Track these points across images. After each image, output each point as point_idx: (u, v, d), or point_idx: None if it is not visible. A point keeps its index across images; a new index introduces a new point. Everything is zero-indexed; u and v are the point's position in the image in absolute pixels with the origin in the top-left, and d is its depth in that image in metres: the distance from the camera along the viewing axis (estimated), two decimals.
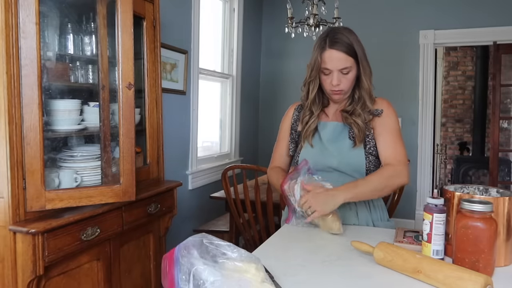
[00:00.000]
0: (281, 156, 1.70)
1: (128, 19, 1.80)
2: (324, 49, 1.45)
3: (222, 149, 4.30)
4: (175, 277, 0.82)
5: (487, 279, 0.91)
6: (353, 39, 1.47)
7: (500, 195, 1.19)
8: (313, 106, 1.58)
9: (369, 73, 1.53)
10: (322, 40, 1.48)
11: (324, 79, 1.50)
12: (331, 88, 1.50)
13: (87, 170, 1.88)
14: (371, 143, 1.54)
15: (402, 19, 4.32)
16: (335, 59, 1.45)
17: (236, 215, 2.65)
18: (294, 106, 1.71)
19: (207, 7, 3.87)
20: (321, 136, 1.57)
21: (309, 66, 1.53)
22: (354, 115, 1.52)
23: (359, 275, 1.07)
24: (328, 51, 1.45)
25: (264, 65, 4.95)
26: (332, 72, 1.46)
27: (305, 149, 1.58)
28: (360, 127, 1.51)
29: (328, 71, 1.47)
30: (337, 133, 1.56)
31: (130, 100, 1.84)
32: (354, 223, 1.54)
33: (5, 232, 1.54)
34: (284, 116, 1.72)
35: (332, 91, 1.51)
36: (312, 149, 1.56)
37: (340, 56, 1.44)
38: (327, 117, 1.61)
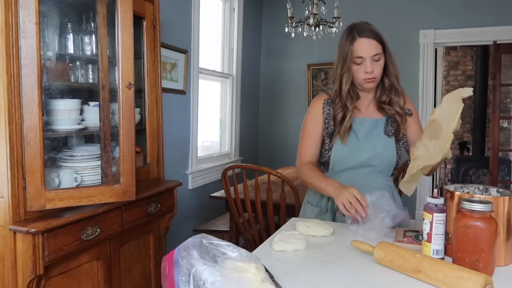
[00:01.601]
0: (312, 150, 1.65)
1: (128, 19, 1.80)
2: (354, 39, 1.51)
3: (222, 148, 4.30)
4: (175, 278, 0.82)
5: (487, 279, 0.91)
6: (376, 28, 1.55)
7: (500, 195, 1.19)
8: (347, 101, 1.58)
9: (395, 62, 1.61)
10: (348, 33, 1.54)
11: (357, 69, 1.53)
12: (365, 77, 1.53)
13: (87, 169, 1.88)
14: (404, 138, 1.62)
15: (402, 19, 4.32)
16: (367, 46, 1.50)
17: (236, 215, 2.65)
18: (322, 100, 1.65)
19: (207, 7, 3.87)
20: (357, 132, 1.59)
21: (339, 59, 1.56)
22: (394, 105, 1.59)
23: (359, 275, 1.07)
24: (359, 39, 1.50)
25: (264, 65, 4.95)
26: (365, 60, 1.51)
27: (337, 146, 1.59)
28: (402, 116, 1.59)
29: (361, 59, 1.51)
30: (371, 129, 1.60)
31: (130, 100, 1.84)
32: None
33: (5, 232, 1.54)
34: (311, 109, 1.66)
35: (365, 80, 1.54)
36: (345, 146, 1.58)
37: (371, 43, 1.50)
38: (360, 112, 1.63)
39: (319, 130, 1.64)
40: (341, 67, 1.56)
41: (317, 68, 4.61)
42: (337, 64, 1.57)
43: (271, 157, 4.87)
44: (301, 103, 4.74)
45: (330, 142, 1.62)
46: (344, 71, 1.55)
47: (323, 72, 4.60)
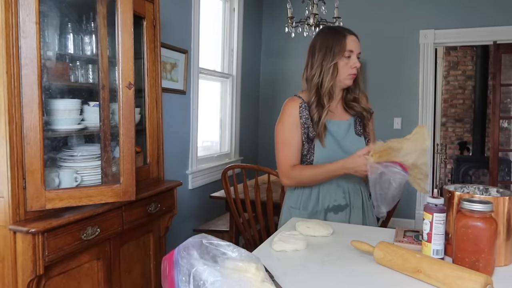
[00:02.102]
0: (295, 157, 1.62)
1: (128, 19, 1.80)
2: (345, 35, 1.59)
3: (222, 148, 4.30)
4: (175, 278, 0.82)
5: (487, 279, 0.91)
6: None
7: (500, 195, 1.19)
8: (324, 99, 1.59)
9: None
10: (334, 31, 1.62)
11: (345, 63, 1.58)
12: (350, 72, 1.59)
13: (87, 169, 1.88)
14: (367, 137, 1.68)
15: (402, 19, 4.32)
16: (356, 43, 1.60)
17: (236, 215, 2.66)
18: (297, 104, 1.63)
19: (207, 7, 3.87)
20: (334, 134, 1.61)
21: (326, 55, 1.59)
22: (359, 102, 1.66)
23: (359, 275, 1.07)
24: (350, 36, 1.59)
25: (264, 65, 4.95)
26: (353, 55, 1.59)
27: (318, 149, 1.60)
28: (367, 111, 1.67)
29: (350, 53, 1.58)
30: (346, 130, 1.65)
31: (130, 100, 1.84)
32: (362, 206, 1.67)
33: (5, 232, 1.54)
34: (287, 117, 1.64)
35: (350, 75, 1.60)
36: (325, 148, 1.59)
37: (358, 41, 1.61)
38: (333, 114, 1.64)
39: (299, 137, 1.62)
40: (327, 62, 1.58)
41: None
42: (321, 61, 1.60)
43: (271, 157, 4.83)
44: None
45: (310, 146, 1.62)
46: (331, 64, 1.58)
47: None
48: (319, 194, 1.63)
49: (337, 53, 1.57)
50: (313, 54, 1.63)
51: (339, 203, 1.63)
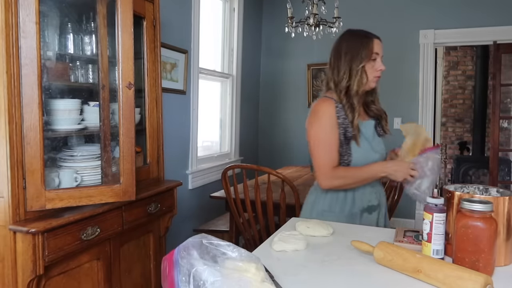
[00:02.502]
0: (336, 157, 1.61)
1: (128, 19, 1.80)
2: (371, 38, 1.63)
3: (222, 148, 4.30)
4: (175, 279, 0.82)
5: (487, 279, 0.91)
6: None
7: (500, 195, 1.19)
8: (355, 100, 1.61)
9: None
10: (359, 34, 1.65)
11: (371, 66, 1.62)
12: (375, 74, 1.63)
13: (87, 169, 1.88)
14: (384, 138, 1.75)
15: (402, 19, 4.32)
16: (380, 46, 1.64)
17: (236, 215, 2.65)
18: (333, 106, 1.61)
19: (207, 7, 3.87)
20: (365, 135, 1.64)
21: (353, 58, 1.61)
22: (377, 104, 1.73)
23: (359, 275, 1.07)
24: (375, 39, 1.64)
25: (264, 65, 4.95)
26: (378, 57, 1.63)
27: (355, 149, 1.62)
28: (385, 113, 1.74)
29: (376, 56, 1.62)
30: (373, 131, 1.69)
31: (130, 100, 1.84)
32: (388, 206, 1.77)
33: (5, 232, 1.54)
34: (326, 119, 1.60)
35: (376, 77, 1.64)
36: (360, 148, 1.61)
37: (382, 45, 1.65)
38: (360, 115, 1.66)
39: (337, 138, 1.60)
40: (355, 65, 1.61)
41: (317, 68, 4.61)
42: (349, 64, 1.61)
43: (271, 157, 4.87)
44: (301, 103, 4.74)
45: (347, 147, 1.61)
46: (359, 68, 1.60)
47: (323, 72, 4.60)
48: (354, 196, 1.65)
49: (365, 56, 1.60)
50: (339, 57, 1.63)
51: (373, 203, 1.67)
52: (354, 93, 1.61)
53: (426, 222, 1.12)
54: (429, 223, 1.11)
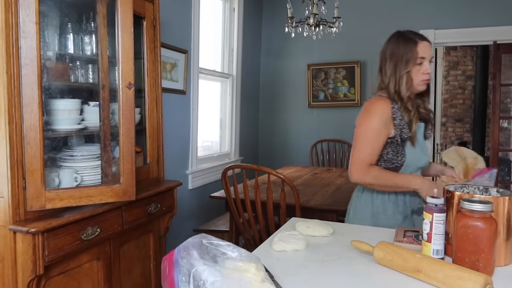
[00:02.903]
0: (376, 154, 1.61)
1: (128, 19, 1.80)
2: (416, 42, 1.60)
3: (222, 148, 4.30)
4: (175, 279, 0.82)
5: (487, 279, 0.91)
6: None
7: (500, 195, 1.19)
8: (408, 103, 1.60)
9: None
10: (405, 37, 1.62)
11: (417, 70, 1.59)
12: (423, 78, 1.60)
13: (87, 169, 1.88)
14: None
15: (402, 19, 4.32)
16: (428, 48, 1.61)
17: (236, 215, 2.65)
18: (389, 104, 1.61)
19: (207, 7, 3.87)
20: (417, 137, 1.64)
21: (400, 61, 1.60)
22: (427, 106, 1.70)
23: (359, 275, 1.07)
24: (422, 42, 1.60)
25: (264, 65, 4.95)
26: (425, 61, 1.60)
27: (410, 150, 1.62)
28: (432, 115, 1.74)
29: (421, 60, 1.59)
30: (422, 133, 1.69)
31: (130, 100, 1.84)
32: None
33: (5, 232, 1.54)
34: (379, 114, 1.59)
35: (423, 81, 1.61)
36: (415, 150, 1.62)
37: (430, 46, 1.62)
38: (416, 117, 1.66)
39: (385, 138, 1.60)
40: (400, 70, 1.59)
41: (317, 68, 4.61)
42: (394, 69, 1.61)
43: (271, 157, 4.87)
44: (301, 103, 4.74)
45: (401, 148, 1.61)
46: (404, 73, 1.59)
47: (323, 72, 4.60)
48: (405, 198, 1.65)
49: (409, 61, 1.58)
50: (385, 61, 1.65)
51: (422, 205, 1.64)
52: (405, 97, 1.59)
53: (426, 222, 1.12)
54: (429, 223, 1.11)
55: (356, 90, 4.46)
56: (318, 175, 3.55)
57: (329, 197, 2.72)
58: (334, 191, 2.89)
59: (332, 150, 4.60)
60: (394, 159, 1.62)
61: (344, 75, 4.51)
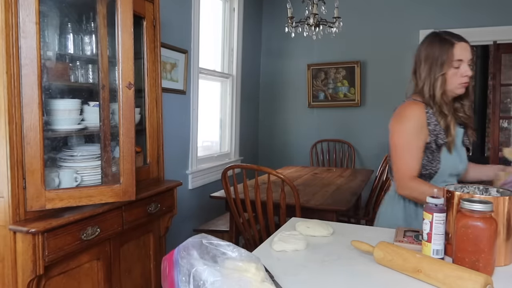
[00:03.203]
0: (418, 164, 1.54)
1: (128, 19, 1.80)
2: (453, 43, 1.52)
3: (222, 148, 4.30)
4: (175, 279, 0.82)
5: (487, 279, 0.91)
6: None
7: (500, 195, 1.19)
8: (443, 108, 1.53)
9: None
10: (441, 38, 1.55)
11: (454, 73, 1.52)
12: (461, 81, 1.52)
13: (87, 169, 1.88)
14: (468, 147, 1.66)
15: (402, 19, 4.32)
16: (466, 50, 1.52)
17: (236, 215, 2.65)
18: (423, 109, 1.55)
19: (207, 7, 3.87)
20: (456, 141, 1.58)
21: (433, 64, 1.53)
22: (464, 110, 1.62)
23: (359, 275, 1.07)
24: (459, 43, 1.52)
25: (264, 65, 4.95)
26: (463, 63, 1.51)
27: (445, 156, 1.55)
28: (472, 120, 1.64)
29: (459, 63, 1.51)
30: (460, 138, 1.61)
31: (130, 100, 1.84)
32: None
33: (5, 232, 1.54)
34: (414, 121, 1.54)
35: (461, 84, 1.53)
36: (451, 156, 1.56)
37: (468, 47, 1.52)
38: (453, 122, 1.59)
39: (422, 144, 1.54)
40: (434, 73, 1.52)
41: (317, 68, 4.61)
42: (428, 72, 1.54)
43: (271, 157, 4.87)
44: (301, 103, 4.74)
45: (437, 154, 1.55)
46: (438, 75, 1.52)
47: (323, 72, 4.60)
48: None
49: (444, 63, 1.51)
50: (419, 63, 1.57)
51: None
52: (440, 101, 1.53)
53: (426, 222, 1.12)
54: (429, 223, 1.11)
55: (356, 90, 4.46)
56: (318, 175, 3.55)
57: (329, 197, 2.72)
58: (334, 191, 2.89)
59: (332, 150, 4.60)
60: (428, 165, 1.55)
61: (344, 75, 4.51)
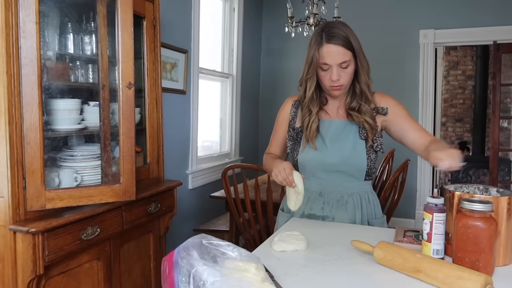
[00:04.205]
0: (276, 147, 1.69)
1: (128, 19, 1.80)
2: (321, 44, 1.44)
3: (222, 148, 4.30)
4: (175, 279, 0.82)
5: (487, 279, 0.91)
6: (349, 33, 1.45)
7: (500, 195, 1.19)
8: (311, 105, 1.54)
9: (367, 67, 1.51)
10: (318, 35, 1.46)
11: (323, 75, 1.48)
12: (331, 84, 1.47)
13: (87, 169, 1.88)
14: (378, 141, 1.53)
15: (402, 19, 4.32)
16: (334, 54, 1.43)
17: (236, 215, 2.66)
18: (291, 101, 1.66)
19: (207, 7, 3.87)
20: (323, 135, 1.54)
21: (306, 63, 1.50)
22: (363, 113, 1.51)
23: (359, 275, 1.07)
24: (326, 45, 1.43)
25: (264, 65, 4.95)
26: (331, 67, 1.44)
27: (307, 151, 1.54)
28: (371, 125, 1.50)
29: (327, 66, 1.45)
30: (339, 132, 1.54)
31: (130, 100, 1.84)
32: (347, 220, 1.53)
33: (5, 232, 1.54)
34: (281, 109, 1.69)
35: (331, 87, 1.48)
36: (312, 150, 1.53)
37: (339, 50, 1.42)
38: (327, 115, 1.58)
39: (283, 134, 1.65)
40: (306, 71, 1.50)
41: None
42: (304, 67, 1.52)
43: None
44: None
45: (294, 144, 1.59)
46: (309, 76, 1.50)
47: None
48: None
49: (312, 65, 1.47)
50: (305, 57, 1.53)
51: (314, 213, 1.56)
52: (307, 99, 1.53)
53: (426, 222, 1.12)
54: (429, 223, 1.11)
55: None
56: None
57: None
58: None
59: None
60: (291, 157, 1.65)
61: None
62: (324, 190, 1.55)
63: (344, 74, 1.46)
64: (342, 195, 1.54)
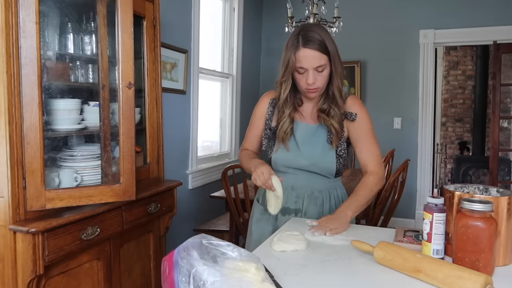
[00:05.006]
0: (253, 142, 1.69)
1: (128, 19, 1.80)
2: (297, 48, 1.45)
3: (222, 148, 4.30)
4: (175, 279, 0.82)
5: (487, 279, 0.91)
6: (325, 36, 1.45)
7: (500, 195, 1.19)
8: (284, 106, 1.56)
9: (341, 71, 1.53)
10: (294, 38, 1.47)
11: (299, 78, 1.49)
12: (307, 87, 1.49)
13: (87, 169, 1.88)
14: (342, 145, 1.56)
15: (402, 19, 4.32)
16: (310, 58, 1.44)
17: (236, 215, 2.66)
18: (268, 99, 1.66)
19: (207, 7, 3.87)
20: (296, 137, 1.56)
21: (282, 65, 1.52)
22: (331, 116, 1.53)
23: (359, 274, 1.07)
24: (302, 50, 1.44)
25: (264, 65, 4.95)
26: (308, 71, 1.46)
27: (280, 151, 1.57)
28: (336, 130, 1.52)
29: (303, 69, 1.46)
30: (310, 135, 1.57)
31: (130, 100, 1.84)
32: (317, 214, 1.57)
33: (5, 232, 1.54)
34: (258, 104, 1.69)
35: (307, 90, 1.50)
36: (285, 150, 1.56)
37: (315, 54, 1.44)
38: (302, 116, 1.60)
39: (258, 130, 1.66)
40: (282, 73, 1.52)
41: None
42: (281, 69, 1.53)
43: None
44: None
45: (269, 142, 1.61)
46: (284, 78, 1.51)
47: None
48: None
49: (288, 68, 1.49)
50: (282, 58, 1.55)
51: (289, 206, 1.58)
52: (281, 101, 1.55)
53: (426, 222, 1.12)
54: (429, 223, 1.11)
55: (356, 89, 4.46)
56: None
57: None
58: None
59: None
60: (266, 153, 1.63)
61: (344, 75, 4.50)
62: (296, 184, 1.58)
63: (320, 77, 1.48)
64: (312, 190, 1.59)
